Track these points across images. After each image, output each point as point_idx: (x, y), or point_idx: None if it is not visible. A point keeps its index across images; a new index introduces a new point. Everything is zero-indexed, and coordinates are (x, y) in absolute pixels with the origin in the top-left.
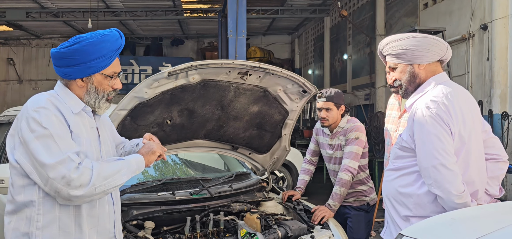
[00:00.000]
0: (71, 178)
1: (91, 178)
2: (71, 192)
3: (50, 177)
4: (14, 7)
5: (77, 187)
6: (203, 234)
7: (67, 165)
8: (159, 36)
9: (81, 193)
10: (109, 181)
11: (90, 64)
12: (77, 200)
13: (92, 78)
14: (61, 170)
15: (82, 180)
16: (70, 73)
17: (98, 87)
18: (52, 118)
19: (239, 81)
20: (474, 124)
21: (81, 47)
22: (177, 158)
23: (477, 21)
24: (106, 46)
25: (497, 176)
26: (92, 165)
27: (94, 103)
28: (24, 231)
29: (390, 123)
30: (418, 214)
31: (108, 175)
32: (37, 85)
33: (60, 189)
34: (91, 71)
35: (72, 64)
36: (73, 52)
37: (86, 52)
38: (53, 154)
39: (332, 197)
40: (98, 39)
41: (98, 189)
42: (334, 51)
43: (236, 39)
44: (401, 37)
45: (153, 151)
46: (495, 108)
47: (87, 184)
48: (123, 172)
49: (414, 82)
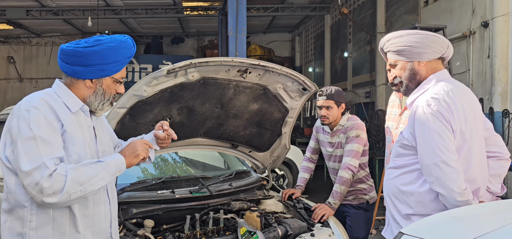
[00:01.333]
0: (43, 186)
1: (65, 185)
2: (44, 199)
3: (24, 183)
4: (14, 5)
5: (50, 194)
6: (203, 233)
7: (41, 172)
8: (160, 34)
9: (55, 201)
10: (85, 186)
11: (103, 67)
12: (52, 206)
13: (101, 81)
14: (35, 176)
15: (55, 187)
16: (81, 72)
17: (106, 90)
18: (40, 120)
19: (239, 79)
20: (476, 121)
21: (100, 50)
22: (177, 156)
23: (478, 18)
24: (122, 52)
25: (499, 174)
26: (66, 172)
27: (98, 105)
28: (18, 231)
29: (391, 120)
30: (420, 212)
31: (84, 180)
32: (37, 83)
33: (34, 195)
34: (104, 74)
35: (86, 64)
36: (91, 54)
37: (104, 55)
38: (31, 160)
39: (332, 195)
40: (117, 45)
41: (73, 195)
42: (335, 49)
43: (236, 37)
44: (402, 34)
45: (137, 154)
46: (496, 106)
47: (60, 191)
48: (101, 175)
49: (415, 79)
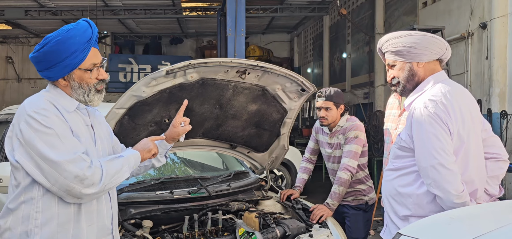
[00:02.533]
0: (85, 176)
1: (102, 176)
2: (83, 190)
3: (62, 175)
4: (13, 5)
5: (89, 185)
6: (201, 233)
7: (80, 164)
8: (158, 35)
9: (93, 191)
10: (115, 178)
11: (64, 64)
12: (87, 198)
13: (72, 75)
14: (73, 169)
15: (95, 178)
16: (50, 75)
17: (81, 82)
18: (53, 118)
19: (238, 80)
20: (473, 122)
21: (50, 48)
22: (176, 157)
23: (476, 19)
24: (75, 41)
25: (497, 175)
26: (101, 164)
27: (83, 98)
28: (22, 229)
29: (390, 122)
30: (417, 214)
31: (114, 172)
32: (36, 84)
33: (72, 187)
34: (68, 69)
35: (48, 66)
36: (45, 54)
37: (56, 51)
38: (62, 153)
39: (330, 196)
40: (64, 36)
41: (107, 186)
42: (333, 50)
43: (235, 38)
44: (401, 35)
45: (149, 149)
46: (494, 107)
47: (98, 183)
48: (125, 168)
49: (413, 80)
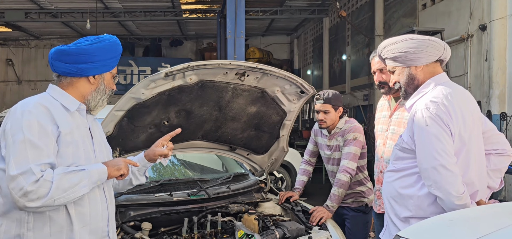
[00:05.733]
0: (28, 191)
1: (50, 190)
2: (27, 204)
3: (9, 187)
4: (13, 8)
5: (33, 199)
6: (200, 236)
7: (27, 178)
8: (158, 37)
9: (37, 205)
10: (68, 193)
11: (105, 62)
12: (31, 210)
13: (103, 76)
14: (20, 181)
15: (40, 192)
16: (86, 69)
17: (107, 85)
18: (33, 123)
19: (237, 82)
20: (474, 124)
21: (103, 46)
22: (175, 159)
23: (475, 21)
24: (117, 48)
25: (500, 169)
26: (52, 178)
27: (98, 101)
28: (16, 232)
29: (380, 124)
30: (418, 215)
31: (68, 187)
32: (36, 86)
33: (16, 199)
34: (105, 69)
35: (91, 60)
36: (95, 50)
37: (106, 51)
38: (18, 164)
39: (330, 198)
40: (114, 41)
41: (57, 201)
42: (333, 52)
43: (234, 40)
44: (396, 41)
45: (119, 168)
46: (494, 108)
47: (44, 197)
48: (83, 183)
49: (413, 84)
